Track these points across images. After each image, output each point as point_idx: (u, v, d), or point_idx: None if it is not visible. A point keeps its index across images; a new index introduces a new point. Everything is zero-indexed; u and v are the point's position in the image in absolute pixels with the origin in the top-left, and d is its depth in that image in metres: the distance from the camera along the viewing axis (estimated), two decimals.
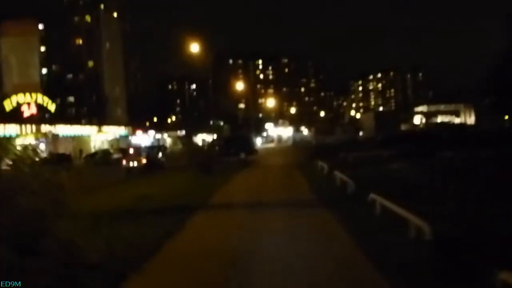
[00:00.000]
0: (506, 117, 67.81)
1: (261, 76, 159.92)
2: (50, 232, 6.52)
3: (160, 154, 39.75)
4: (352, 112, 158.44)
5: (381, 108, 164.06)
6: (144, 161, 30.05)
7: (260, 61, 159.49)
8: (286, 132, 74.07)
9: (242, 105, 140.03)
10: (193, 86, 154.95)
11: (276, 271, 6.50)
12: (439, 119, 70.32)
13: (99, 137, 67.29)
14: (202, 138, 73.20)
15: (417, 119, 70.86)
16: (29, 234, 6.20)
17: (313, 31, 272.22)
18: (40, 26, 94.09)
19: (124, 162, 30.51)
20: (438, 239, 7.02)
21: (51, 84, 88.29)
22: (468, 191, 11.48)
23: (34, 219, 6.32)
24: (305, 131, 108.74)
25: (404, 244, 7.36)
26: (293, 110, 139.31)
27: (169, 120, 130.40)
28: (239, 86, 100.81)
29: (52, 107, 59.52)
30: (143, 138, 79.62)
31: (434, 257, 6.56)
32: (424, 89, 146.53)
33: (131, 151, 51.62)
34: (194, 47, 39.23)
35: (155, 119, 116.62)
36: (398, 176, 15.62)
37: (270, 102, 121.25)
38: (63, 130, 58.77)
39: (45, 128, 53.99)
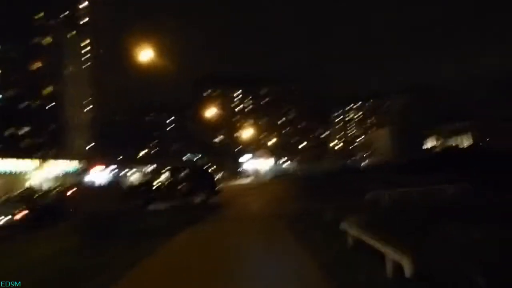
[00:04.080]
0: None
1: (240, 106, 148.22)
2: None
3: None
4: (334, 142, 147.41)
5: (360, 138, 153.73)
6: (22, 213, 16.69)
7: (239, 91, 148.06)
8: (266, 163, 60.54)
9: (220, 137, 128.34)
10: (170, 118, 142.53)
11: None
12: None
13: (41, 173, 53.27)
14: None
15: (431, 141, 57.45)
16: None
17: (294, 59, 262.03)
18: None
19: None
20: None
21: (4, 111, 74.87)
22: None
23: None
24: (286, 162, 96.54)
25: None
26: (272, 141, 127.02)
27: (141, 153, 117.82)
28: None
29: None
30: (100, 174, 65.62)
31: None
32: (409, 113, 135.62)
33: (71, 191, 38.07)
34: (146, 54, 28.62)
35: (125, 153, 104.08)
36: None
37: (249, 133, 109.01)
38: None
39: None
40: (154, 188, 19.36)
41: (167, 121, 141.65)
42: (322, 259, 7.66)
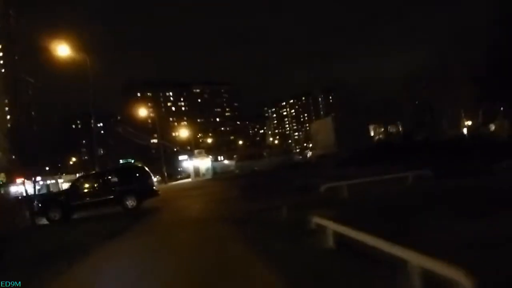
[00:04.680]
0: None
1: (173, 108, 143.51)
2: None
3: None
4: (271, 138, 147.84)
5: (296, 134, 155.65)
6: None
7: (171, 92, 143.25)
8: (203, 163, 57.78)
9: (155, 139, 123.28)
10: (100, 124, 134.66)
11: None
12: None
13: None
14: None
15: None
16: None
17: (225, 59, 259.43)
18: None
19: None
20: None
21: None
22: None
23: None
24: (225, 160, 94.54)
25: None
26: (209, 141, 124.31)
27: (71, 162, 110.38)
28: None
29: None
30: (22, 186, 60.60)
31: None
32: (336, 110, 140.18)
33: None
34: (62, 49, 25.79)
35: (52, 162, 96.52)
36: None
37: (184, 133, 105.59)
38: None
39: None
40: (76, 196, 16.50)
41: (98, 127, 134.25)
42: (296, 271, 5.65)
